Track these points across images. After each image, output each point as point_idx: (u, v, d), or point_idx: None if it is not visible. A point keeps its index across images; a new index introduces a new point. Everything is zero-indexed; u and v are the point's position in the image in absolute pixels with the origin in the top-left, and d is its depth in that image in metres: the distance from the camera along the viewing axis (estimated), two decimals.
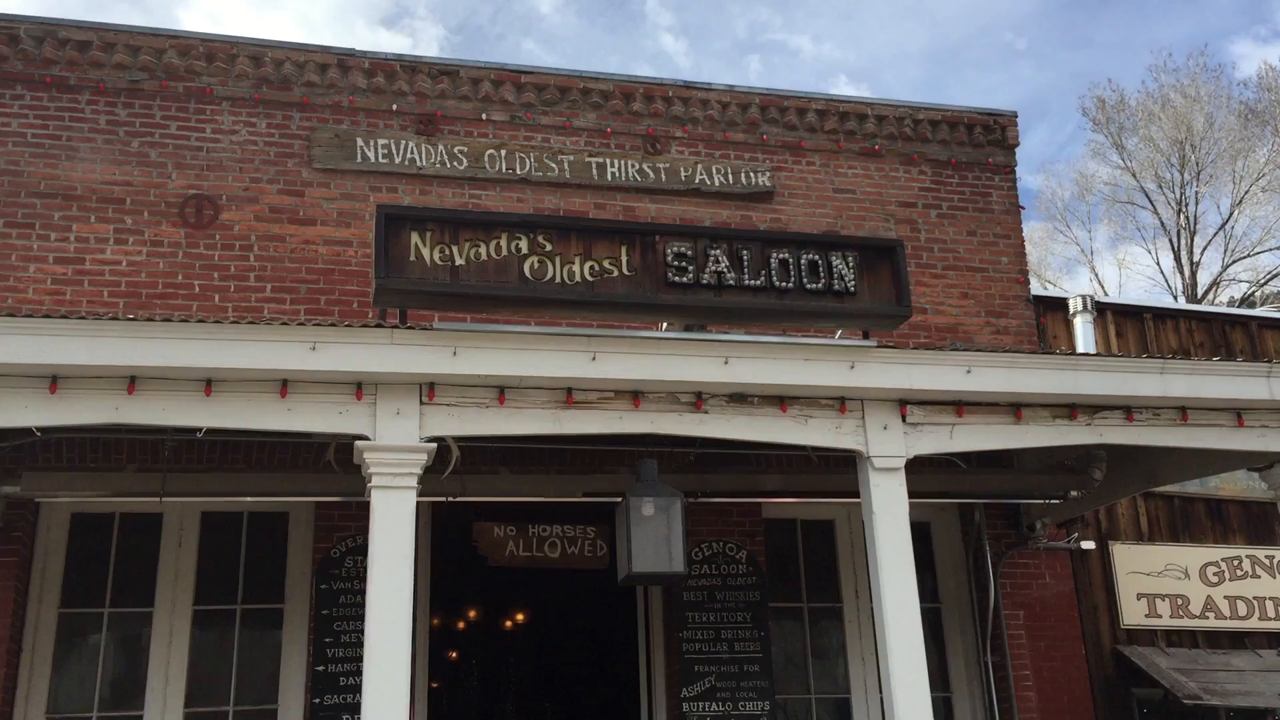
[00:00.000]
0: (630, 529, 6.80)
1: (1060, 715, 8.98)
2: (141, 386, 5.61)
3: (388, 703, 5.38)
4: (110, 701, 7.99)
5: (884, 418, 6.43)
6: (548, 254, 6.19)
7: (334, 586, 8.07)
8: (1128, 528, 9.81)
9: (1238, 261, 28.17)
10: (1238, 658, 9.30)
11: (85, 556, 8.18)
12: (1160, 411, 6.76)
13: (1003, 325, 9.81)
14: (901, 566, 6.18)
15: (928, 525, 9.52)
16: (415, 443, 5.81)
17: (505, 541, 8.54)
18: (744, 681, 8.51)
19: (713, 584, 8.70)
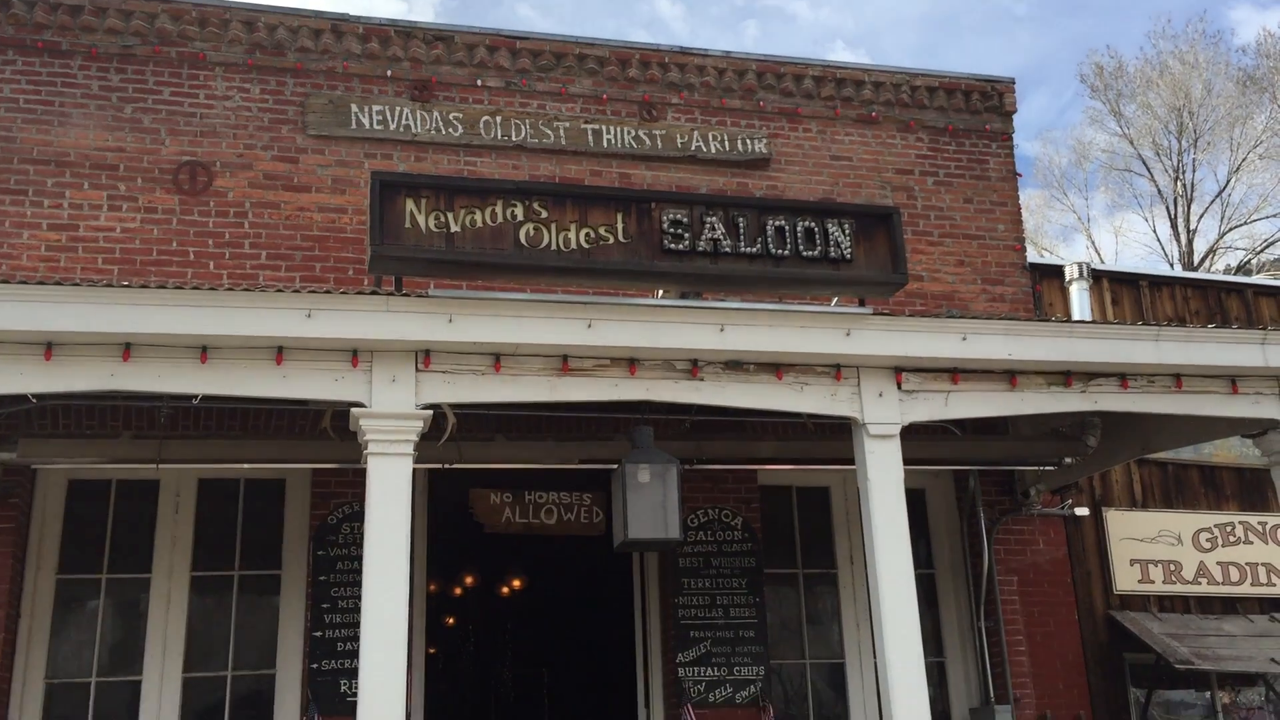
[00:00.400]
0: (626, 496, 6.83)
1: (1053, 680, 9.05)
2: (137, 353, 5.61)
3: (385, 668, 5.42)
4: (109, 666, 8.04)
5: (879, 385, 6.44)
6: (543, 221, 6.18)
7: (331, 553, 8.10)
8: (1121, 494, 9.86)
9: (1234, 229, 28.17)
10: (1230, 623, 9.37)
11: (82, 523, 8.21)
12: (1155, 378, 6.77)
13: (999, 293, 9.81)
14: (896, 533, 6.21)
15: (922, 492, 9.56)
16: (411, 410, 5.82)
17: (502, 508, 8.57)
18: (739, 647, 8.56)
19: (708, 550, 8.74)
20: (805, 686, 9.05)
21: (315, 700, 7.72)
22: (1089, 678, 9.16)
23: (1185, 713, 9.48)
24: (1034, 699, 8.93)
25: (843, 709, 9.03)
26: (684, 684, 8.37)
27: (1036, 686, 8.97)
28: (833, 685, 9.13)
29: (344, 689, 7.72)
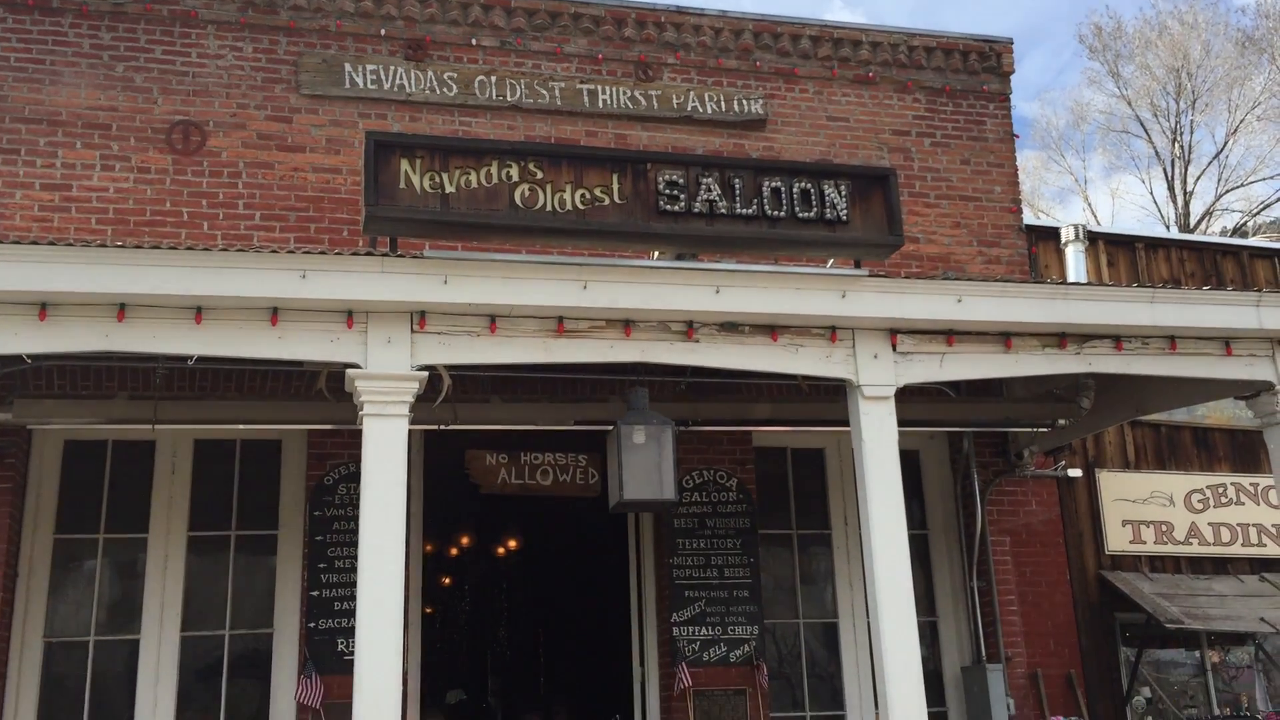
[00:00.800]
0: (621, 457, 6.85)
1: (1044, 639, 9.14)
2: (131, 314, 5.59)
3: (381, 627, 5.45)
4: (107, 625, 8.10)
5: (874, 347, 6.45)
6: (538, 182, 6.15)
7: (327, 513, 8.14)
8: (1114, 456, 9.90)
9: (1231, 191, 28.11)
10: (1220, 583, 9.44)
11: (79, 483, 8.23)
12: (1149, 340, 6.78)
13: (994, 255, 9.80)
14: (890, 494, 6.24)
15: (916, 453, 9.60)
16: (406, 371, 5.82)
17: (497, 469, 8.59)
18: (733, 606, 8.63)
19: (703, 511, 8.78)
20: (799, 645, 9.13)
21: (313, 659, 7.78)
22: (1080, 637, 9.25)
23: (1175, 671, 9.58)
24: (1025, 657, 9.02)
25: (836, 668, 9.12)
26: (679, 643, 8.44)
27: (1028, 645, 9.06)
28: (826, 644, 9.21)
29: (341, 648, 7.78)
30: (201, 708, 8.05)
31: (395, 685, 5.42)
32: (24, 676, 7.80)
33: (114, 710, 7.92)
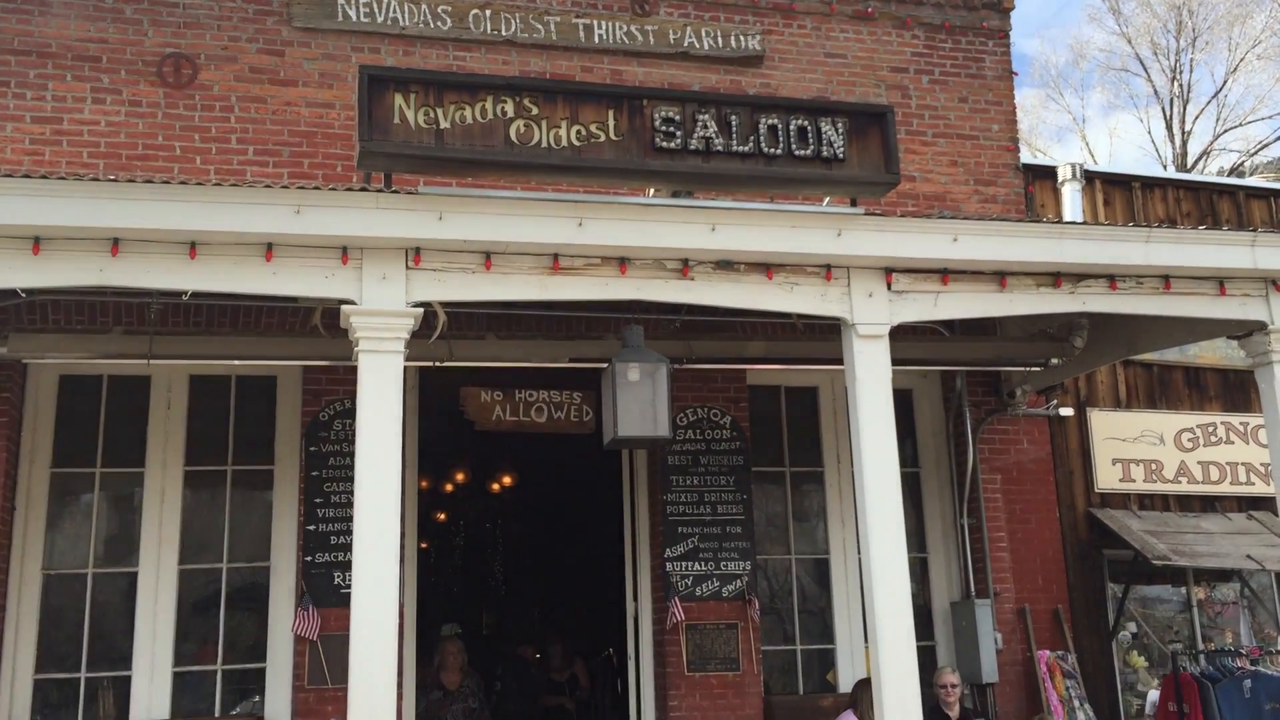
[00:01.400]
0: (616, 394, 6.87)
1: (1032, 575, 9.26)
2: (125, 248, 5.57)
3: (378, 561, 5.51)
4: (105, 558, 8.17)
5: (869, 285, 6.45)
6: (534, 118, 6.10)
7: (323, 449, 8.18)
8: (1106, 395, 9.96)
9: (1229, 131, 27.97)
10: (1207, 520, 9.55)
11: (75, 418, 8.26)
12: (1144, 280, 6.79)
13: (991, 194, 9.77)
14: (883, 432, 6.28)
15: (910, 392, 9.65)
16: (401, 307, 5.82)
17: (492, 406, 8.62)
18: (726, 542, 8.71)
19: (697, 448, 8.84)
20: (790, 581, 9.24)
21: (310, 592, 7.86)
22: (1068, 573, 9.37)
23: (1161, 607, 9.72)
24: (1013, 593, 9.14)
25: (827, 602, 9.24)
26: (672, 578, 8.54)
27: (1016, 581, 9.17)
28: (817, 580, 9.32)
29: (338, 581, 7.86)
30: (200, 639, 8.15)
31: (392, 618, 5.48)
32: (23, 608, 7.88)
33: (113, 641, 8.03)
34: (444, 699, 8.61)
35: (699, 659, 8.42)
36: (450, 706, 8.57)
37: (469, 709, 8.61)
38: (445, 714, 8.53)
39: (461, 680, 8.72)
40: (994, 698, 8.89)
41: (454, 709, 8.56)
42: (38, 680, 7.85)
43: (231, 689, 8.13)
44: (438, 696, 8.63)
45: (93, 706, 7.87)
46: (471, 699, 8.67)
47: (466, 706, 8.61)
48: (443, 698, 8.62)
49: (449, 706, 8.57)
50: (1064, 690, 8.81)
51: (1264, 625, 9.82)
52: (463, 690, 8.67)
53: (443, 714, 8.54)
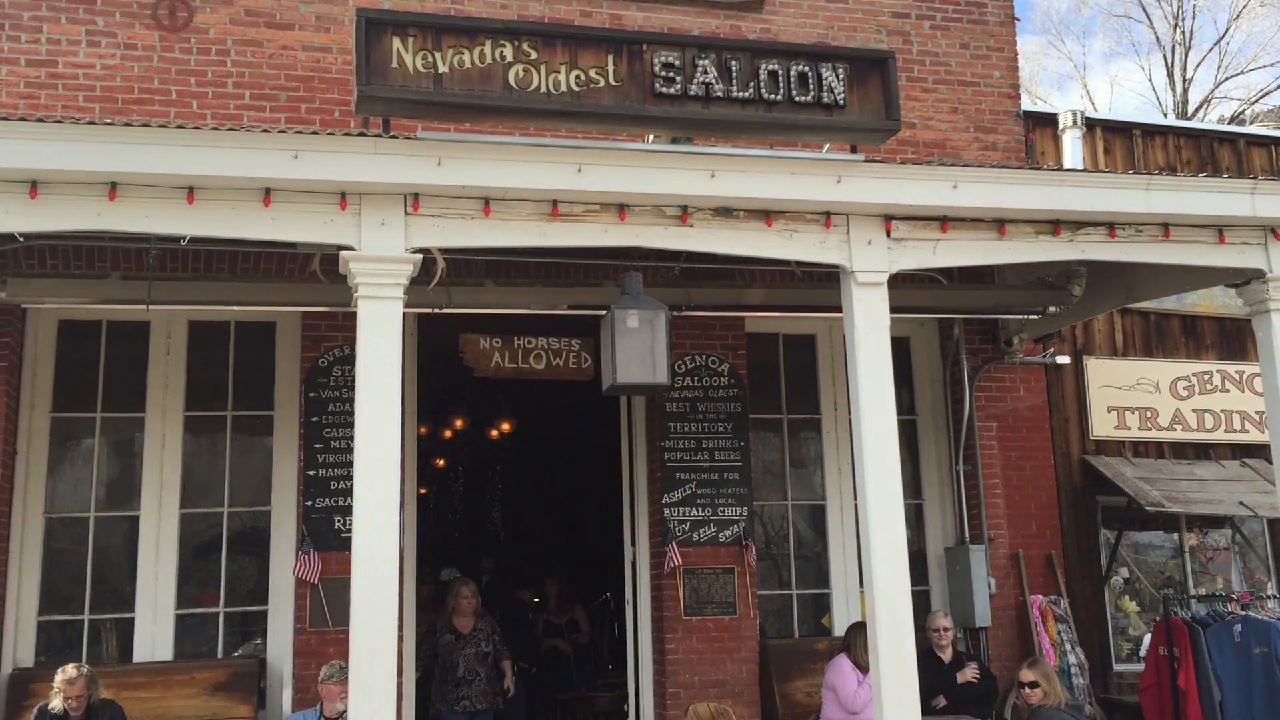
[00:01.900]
0: (615, 340, 6.88)
1: (1026, 521, 9.34)
2: (123, 193, 5.55)
3: (377, 506, 5.55)
4: (106, 502, 8.23)
5: (868, 233, 6.44)
6: (533, 62, 6.06)
7: (323, 395, 8.20)
8: (1103, 343, 9.98)
9: (1231, 79, 27.75)
10: (1201, 468, 9.61)
11: (74, 363, 8.28)
12: (1143, 228, 6.78)
13: (991, 141, 9.73)
14: (880, 380, 6.30)
15: (907, 340, 9.67)
16: (400, 253, 5.81)
17: (491, 353, 8.63)
18: (723, 489, 8.78)
19: (695, 396, 8.87)
20: (786, 527, 9.33)
21: (310, 536, 7.93)
22: (1061, 519, 9.45)
23: (1153, 553, 9.82)
24: (1007, 539, 9.23)
25: (823, 548, 9.33)
26: (669, 524, 8.61)
27: (1010, 527, 9.26)
28: (813, 526, 9.40)
29: (338, 525, 7.93)
30: (201, 582, 8.24)
31: (392, 562, 5.53)
32: (26, 551, 7.95)
33: (116, 584, 8.11)
34: (455, 642, 8.61)
35: (696, 603, 8.51)
36: (462, 650, 8.57)
37: (481, 653, 8.60)
38: (456, 657, 8.54)
39: (475, 624, 8.69)
40: (987, 641, 9.01)
41: (465, 653, 8.56)
42: (41, 622, 7.94)
43: (233, 631, 8.22)
44: (449, 639, 8.63)
45: (96, 648, 7.97)
46: (484, 643, 8.66)
47: (479, 651, 8.60)
48: (454, 640, 8.61)
49: (460, 650, 8.57)
50: (1056, 634, 8.93)
51: (1255, 571, 9.93)
52: (475, 634, 8.65)
53: (453, 657, 8.55)
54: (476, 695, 8.51)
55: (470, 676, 8.53)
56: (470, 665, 8.55)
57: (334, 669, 6.86)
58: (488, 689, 8.57)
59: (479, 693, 8.52)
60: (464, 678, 8.51)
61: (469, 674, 8.53)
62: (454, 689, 8.49)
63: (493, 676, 8.62)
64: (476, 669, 8.56)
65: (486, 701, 8.56)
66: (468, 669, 8.53)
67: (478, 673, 8.55)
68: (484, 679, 8.56)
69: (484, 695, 8.55)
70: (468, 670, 8.53)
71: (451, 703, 8.47)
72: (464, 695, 8.48)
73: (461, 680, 8.50)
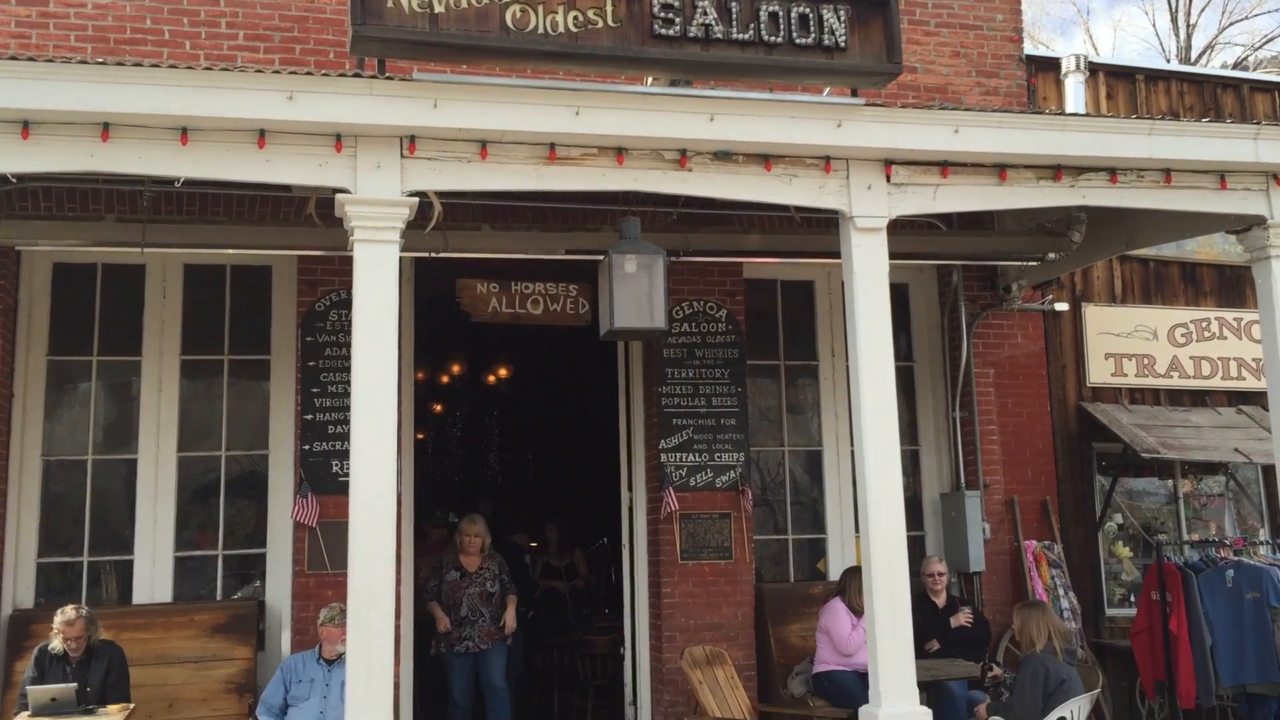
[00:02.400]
0: (612, 285, 6.86)
1: (1022, 468, 9.38)
2: (116, 134, 5.50)
3: (374, 450, 5.56)
4: (104, 445, 8.24)
5: (868, 178, 6.40)
6: (530, 3, 5.98)
7: (319, 339, 8.19)
8: (1101, 290, 9.96)
9: (1235, 24, 27.49)
10: (1197, 414, 9.63)
11: (70, 306, 8.25)
12: (1144, 173, 6.74)
13: (993, 86, 9.64)
14: (878, 326, 6.29)
15: (906, 287, 9.65)
16: (396, 196, 5.77)
17: (488, 298, 8.61)
18: (720, 434, 8.79)
19: (692, 342, 8.86)
20: (783, 473, 9.36)
21: (308, 480, 7.95)
22: (1057, 466, 9.50)
23: (1147, 500, 9.87)
24: (1003, 485, 9.27)
25: (819, 494, 9.37)
26: (666, 469, 8.64)
27: (1006, 473, 9.30)
28: (810, 472, 9.44)
29: (336, 469, 7.95)
30: (200, 525, 8.27)
31: (389, 506, 5.55)
32: (24, 494, 7.97)
33: (115, 527, 8.14)
34: (460, 580, 8.46)
35: (692, 548, 8.56)
36: (466, 589, 8.43)
37: (485, 593, 8.45)
38: (460, 596, 8.40)
39: (481, 563, 8.53)
40: (980, 586, 9.08)
41: (469, 592, 8.42)
42: (41, 564, 7.98)
43: (232, 574, 8.27)
44: (454, 578, 8.48)
45: (96, 590, 8.02)
46: (490, 583, 8.49)
47: (483, 590, 8.45)
48: (459, 579, 8.47)
49: (464, 589, 8.43)
50: (1049, 579, 8.99)
51: (1248, 517, 9.99)
52: (481, 573, 8.50)
53: (457, 596, 8.40)
54: (480, 635, 8.39)
55: (473, 616, 8.40)
56: (474, 605, 8.41)
57: (333, 611, 6.91)
58: (491, 629, 8.43)
59: (482, 633, 8.40)
60: (466, 617, 8.38)
61: (472, 614, 8.39)
62: (456, 628, 8.36)
63: (497, 617, 8.46)
64: (480, 609, 8.42)
65: (490, 641, 8.44)
66: (471, 608, 8.40)
67: (481, 613, 8.42)
68: (488, 619, 8.42)
69: (487, 635, 8.41)
70: (471, 610, 8.39)
71: (455, 642, 8.37)
72: (466, 635, 8.36)
73: (464, 620, 8.37)
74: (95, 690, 6.73)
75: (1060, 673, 6.80)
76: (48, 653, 6.83)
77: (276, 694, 6.90)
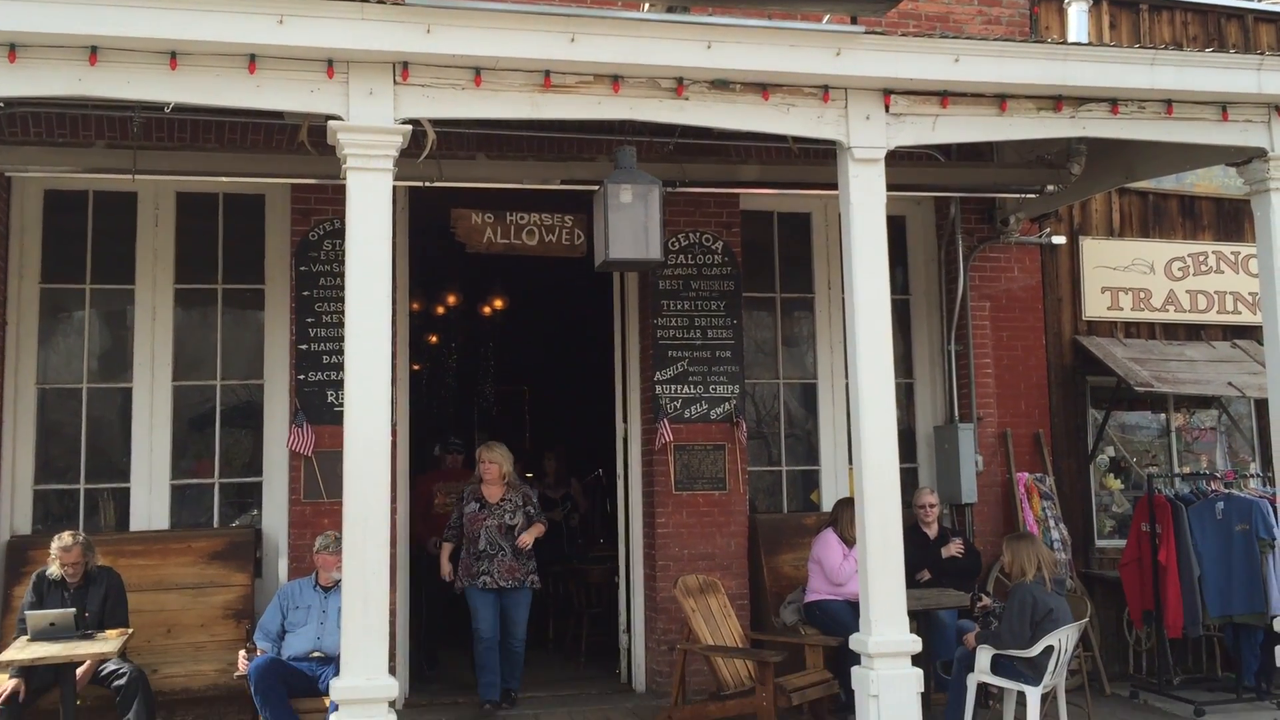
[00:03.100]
0: (608, 215, 6.82)
1: (1015, 401, 9.41)
2: (104, 58, 5.42)
3: (369, 380, 5.56)
4: (99, 374, 8.24)
5: (867, 108, 6.33)
6: None
7: (313, 269, 8.15)
8: (1099, 223, 9.92)
9: None
10: (1192, 348, 9.64)
11: (62, 234, 8.21)
12: (1146, 104, 6.68)
13: (994, 15, 9.52)
14: (875, 258, 6.27)
15: (903, 219, 9.61)
16: (389, 124, 5.71)
17: (483, 228, 8.54)
18: (715, 366, 8.80)
19: (688, 273, 8.83)
20: (778, 405, 9.39)
21: (303, 409, 7.96)
22: (1051, 399, 9.52)
23: (1140, 433, 9.91)
24: (996, 418, 9.31)
25: (813, 426, 9.41)
26: (661, 401, 8.65)
27: (999, 406, 9.33)
28: (804, 404, 9.46)
29: (331, 399, 7.96)
30: (196, 454, 8.31)
31: (384, 436, 5.57)
32: (20, 421, 7.99)
33: (112, 455, 8.17)
34: (479, 512, 8.00)
35: (687, 478, 8.61)
36: (484, 522, 7.96)
37: (504, 525, 7.96)
38: (479, 529, 7.95)
39: (504, 494, 8.07)
40: (972, 518, 9.16)
41: (488, 524, 7.94)
42: (38, 491, 8.02)
43: (229, 503, 8.32)
44: (473, 509, 8.02)
45: (94, 517, 8.07)
46: (510, 515, 8.00)
47: (502, 523, 7.96)
48: (478, 510, 8.01)
49: (483, 521, 7.96)
50: (1040, 511, 9.07)
51: (1239, 451, 10.05)
52: (502, 505, 8.02)
53: (475, 529, 7.96)
54: (499, 571, 7.89)
55: (492, 550, 7.91)
56: (492, 538, 7.93)
57: (328, 539, 6.96)
58: (514, 565, 7.91)
59: (502, 569, 7.90)
60: (485, 551, 7.91)
61: (490, 547, 7.91)
62: (475, 562, 7.92)
63: (519, 553, 7.95)
64: (499, 542, 7.93)
65: (511, 579, 7.91)
66: (489, 542, 7.92)
67: (500, 546, 7.92)
68: (509, 554, 7.91)
69: (508, 572, 7.90)
70: (489, 543, 7.92)
71: (473, 577, 7.92)
72: (484, 570, 7.89)
73: (482, 554, 7.91)
74: (94, 615, 6.80)
75: (1048, 602, 6.87)
76: (46, 578, 6.89)
77: (274, 620, 6.97)
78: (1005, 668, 6.90)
